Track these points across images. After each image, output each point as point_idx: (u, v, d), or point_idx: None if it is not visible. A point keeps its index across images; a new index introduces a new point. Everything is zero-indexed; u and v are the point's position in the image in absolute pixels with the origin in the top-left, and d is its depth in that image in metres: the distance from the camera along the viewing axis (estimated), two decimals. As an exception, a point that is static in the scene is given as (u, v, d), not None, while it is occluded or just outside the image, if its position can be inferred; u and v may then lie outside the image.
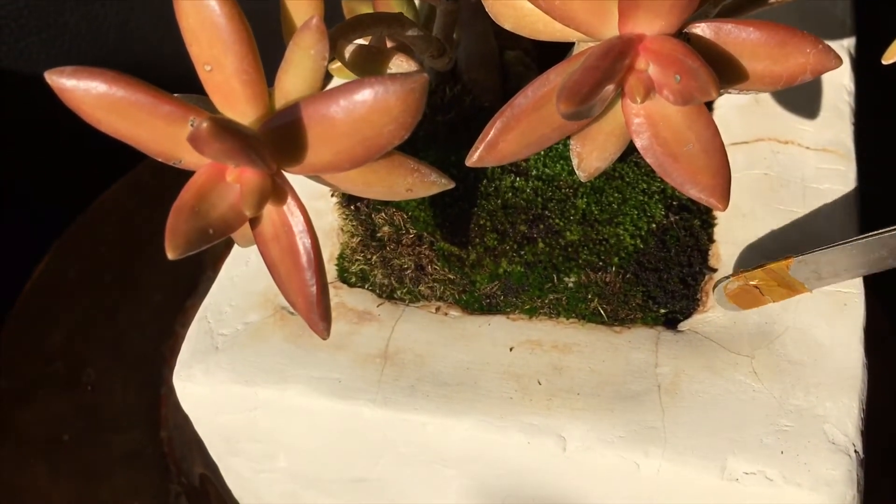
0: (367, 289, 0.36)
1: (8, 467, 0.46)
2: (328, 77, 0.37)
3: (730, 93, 0.28)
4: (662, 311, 0.34)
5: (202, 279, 0.53)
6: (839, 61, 0.26)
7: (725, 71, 0.26)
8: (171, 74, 0.38)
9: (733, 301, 0.33)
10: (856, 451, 0.30)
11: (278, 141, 0.25)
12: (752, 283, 0.32)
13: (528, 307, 0.34)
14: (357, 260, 0.36)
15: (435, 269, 0.35)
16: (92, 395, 0.49)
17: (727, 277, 0.33)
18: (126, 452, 0.47)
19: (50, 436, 0.47)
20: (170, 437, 0.48)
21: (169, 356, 0.50)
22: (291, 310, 0.35)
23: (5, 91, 0.60)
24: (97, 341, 0.51)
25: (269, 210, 0.26)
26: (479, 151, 0.28)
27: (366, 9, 0.38)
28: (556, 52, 0.38)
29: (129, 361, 0.51)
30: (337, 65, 0.33)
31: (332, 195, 0.38)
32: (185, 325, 0.41)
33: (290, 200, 0.26)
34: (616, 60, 0.25)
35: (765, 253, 0.35)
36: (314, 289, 0.26)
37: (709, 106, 0.40)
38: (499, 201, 0.35)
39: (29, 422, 0.48)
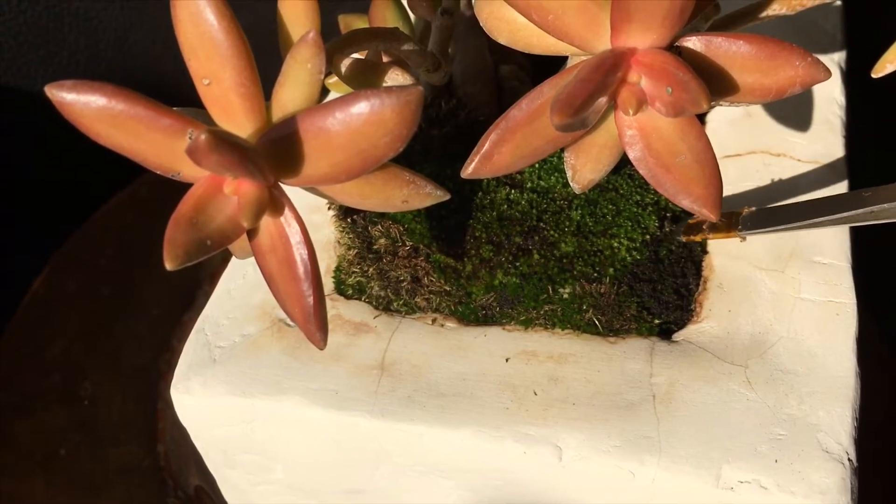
0: (364, 301, 0.36)
1: (6, 480, 0.46)
2: (325, 91, 0.38)
3: (721, 105, 0.28)
4: (657, 321, 0.34)
5: (199, 293, 0.54)
6: (828, 73, 0.26)
7: (716, 83, 0.27)
8: (169, 89, 0.39)
9: (684, 232, 0.35)
10: (849, 459, 0.30)
11: (275, 153, 0.25)
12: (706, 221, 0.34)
13: (523, 318, 0.35)
14: (354, 272, 0.36)
15: (431, 280, 0.35)
16: (89, 409, 0.49)
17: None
18: (123, 466, 0.47)
19: (48, 449, 0.47)
20: (166, 450, 0.48)
21: (166, 370, 0.50)
22: (289, 322, 0.35)
23: (5, 106, 0.60)
24: (95, 354, 0.52)
25: (266, 222, 0.27)
26: (474, 163, 0.28)
27: (362, 23, 0.39)
28: (549, 66, 0.38)
29: (126, 375, 0.51)
30: (333, 79, 0.34)
31: (329, 208, 0.38)
32: (182, 339, 0.41)
33: (287, 212, 0.26)
34: (608, 73, 0.26)
35: (755, 262, 0.35)
36: (311, 300, 0.26)
37: (701, 119, 0.40)
38: (494, 213, 0.35)
39: (27, 434, 0.48)
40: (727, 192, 0.37)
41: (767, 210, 0.34)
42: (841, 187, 0.38)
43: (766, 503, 0.29)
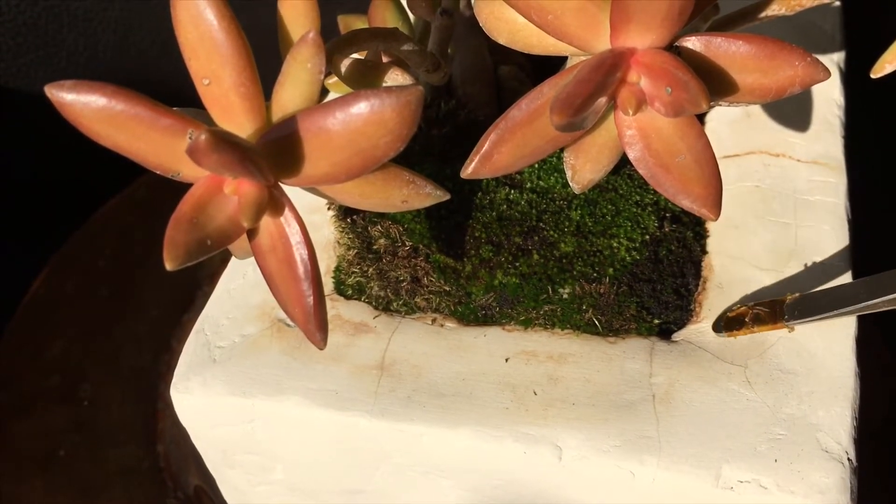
0: (364, 301, 0.36)
1: (5, 481, 0.46)
2: (324, 91, 0.38)
3: (720, 105, 0.28)
4: (656, 321, 0.34)
5: (198, 294, 0.54)
6: (827, 73, 0.26)
7: (716, 83, 0.27)
8: (169, 89, 0.39)
9: (725, 327, 0.33)
10: (849, 459, 0.30)
11: (276, 153, 0.25)
12: (750, 312, 0.33)
13: (523, 318, 0.35)
14: (353, 272, 0.36)
15: (431, 280, 0.35)
16: (89, 410, 0.49)
17: (733, 306, 0.34)
18: (122, 467, 0.47)
19: (47, 450, 0.47)
20: (166, 451, 0.48)
21: (165, 371, 0.50)
22: (288, 322, 0.35)
23: (4, 106, 0.60)
24: (94, 355, 0.52)
25: (266, 222, 0.27)
26: (473, 163, 0.28)
27: (361, 24, 0.39)
28: (549, 67, 0.38)
29: (125, 376, 0.51)
30: (333, 79, 0.34)
31: (329, 208, 0.38)
32: (182, 339, 0.41)
33: (287, 212, 0.26)
34: (608, 73, 0.26)
35: (755, 262, 0.35)
36: (311, 299, 0.26)
37: (700, 120, 0.40)
38: (494, 213, 0.35)
39: (26, 436, 0.48)
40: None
41: (813, 295, 0.32)
42: (840, 188, 0.38)
43: (766, 503, 0.29)
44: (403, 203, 0.28)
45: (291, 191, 0.27)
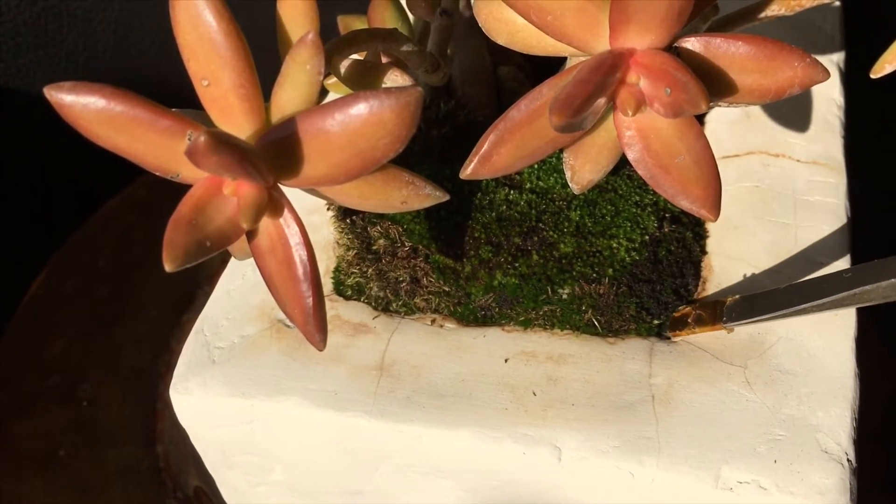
0: (363, 301, 0.36)
1: (5, 481, 0.46)
2: (324, 92, 0.38)
3: (720, 106, 0.28)
4: (656, 322, 0.34)
5: (198, 294, 0.54)
6: (827, 74, 0.26)
7: (715, 84, 0.27)
8: (169, 90, 0.39)
9: (670, 327, 0.33)
10: (848, 460, 0.30)
11: (275, 154, 0.25)
12: (693, 313, 0.33)
13: (522, 319, 0.35)
14: (353, 273, 0.36)
15: (430, 281, 0.35)
16: (88, 410, 0.49)
17: (680, 307, 0.34)
18: (122, 467, 0.47)
19: (47, 450, 0.47)
20: (166, 451, 0.48)
21: (165, 371, 0.50)
22: (288, 323, 0.35)
23: (3, 107, 0.60)
24: (94, 355, 0.52)
25: (265, 223, 0.27)
26: (473, 164, 0.28)
27: (361, 24, 0.39)
28: (548, 67, 0.38)
29: (125, 376, 0.51)
30: (332, 80, 0.34)
31: (328, 209, 0.38)
32: (181, 340, 0.41)
33: (286, 213, 0.26)
34: (607, 74, 0.26)
35: (754, 263, 0.35)
36: (310, 300, 0.26)
37: (700, 120, 0.40)
38: (493, 214, 0.35)
39: (26, 436, 0.48)
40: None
41: (751, 298, 0.32)
42: (840, 189, 0.38)
43: (766, 503, 0.29)
44: (403, 204, 0.28)
45: (291, 192, 0.27)
